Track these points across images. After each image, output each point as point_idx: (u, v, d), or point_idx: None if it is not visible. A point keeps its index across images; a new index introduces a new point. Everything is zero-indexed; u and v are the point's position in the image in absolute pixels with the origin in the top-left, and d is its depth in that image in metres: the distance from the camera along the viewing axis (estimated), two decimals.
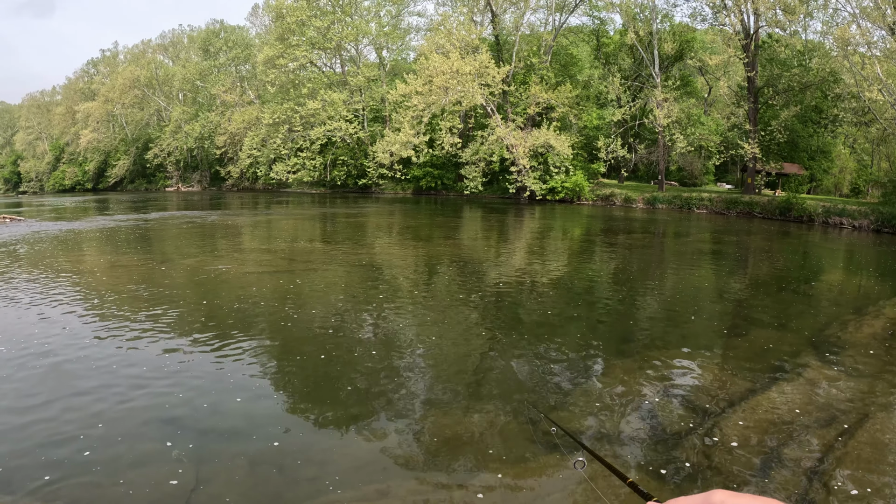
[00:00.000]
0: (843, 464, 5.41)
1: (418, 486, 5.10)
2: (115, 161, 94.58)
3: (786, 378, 7.57)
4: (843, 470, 5.31)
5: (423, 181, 56.89)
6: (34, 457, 5.41)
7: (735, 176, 56.68)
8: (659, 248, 21.77)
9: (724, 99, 51.31)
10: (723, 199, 38.69)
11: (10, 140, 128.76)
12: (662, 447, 5.71)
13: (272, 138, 65.45)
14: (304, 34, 60.89)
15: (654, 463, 5.41)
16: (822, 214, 31.76)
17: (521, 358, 8.42)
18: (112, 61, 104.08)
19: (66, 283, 13.35)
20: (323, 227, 28.00)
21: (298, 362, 8.26)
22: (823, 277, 16.48)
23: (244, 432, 6.00)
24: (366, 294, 12.56)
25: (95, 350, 8.36)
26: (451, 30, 47.88)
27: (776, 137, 40.80)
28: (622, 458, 5.54)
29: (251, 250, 19.77)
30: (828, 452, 5.60)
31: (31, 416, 6.24)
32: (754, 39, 39.49)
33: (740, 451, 5.57)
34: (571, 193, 45.33)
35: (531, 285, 13.67)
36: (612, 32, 54.75)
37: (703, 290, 13.74)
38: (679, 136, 43.52)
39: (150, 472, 5.21)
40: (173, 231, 25.97)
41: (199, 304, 11.40)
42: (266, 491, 4.96)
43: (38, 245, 20.15)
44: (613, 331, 9.99)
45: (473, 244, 22.07)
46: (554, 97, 46.46)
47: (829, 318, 11.07)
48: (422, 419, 6.40)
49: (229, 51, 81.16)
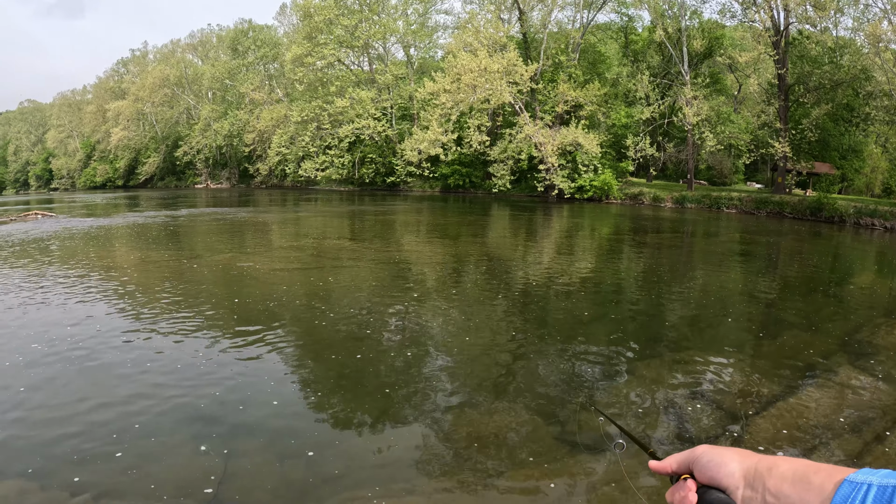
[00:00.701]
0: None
1: (444, 485, 5.14)
2: (146, 158, 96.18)
3: (816, 382, 7.60)
4: None
5: (451, 179, 57.02)
6: (65, 449, 5.61)
7: (765, 175, 56.04)
8: (688, 248, 21.72)
9: (753, 97, 50.73)
10: (752, 199, 38.33)
11: (41, 138, 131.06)
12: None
13: (300, 136, 65.98)
14: (331, 32, 61.27)
15: None
16: (854, 215, 31.39)
17: (550, 358, 8.51)
18: (142, 61, 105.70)
19: (98, 280, 13.75)
20: (351, 225, 28.26)
21: (327, 360, 8.44)
22: (855, 279, 16.35)
23: (273, 428, 6.15)
24: (395, 292, 12.75)
25: (127, 347, 8.61)
26: (478, 28, 47.96)
27: (807, 136, 40.30)
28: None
29: (280, 247, 20.06)
30: (858, 459, 5.64)
31: (63, 412, 6.47)
32: (784, 36, 39.03)
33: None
34: (600, 192, 45.21)
35: (559, 284, 13.76)
36: (641, 29, 54.57)
37: (732, 291, 13.72)
38: (708, 134, 43.22)
39: (178, 465, 5.37)
40: (203, 228, 26.39)
41: (229, 301, 11.68)
42: (293, 486, 5.07)
43: (70, 241, 20.67)
44: (642, 331, 10.05)
45: (502, 243, 22.21)
46: (582, 95, 46.33)
47: (860, 321, 11.01)
48: (449, 418, 6.48)
49: (258, 50, 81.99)
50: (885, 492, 0.87)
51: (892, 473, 0.90)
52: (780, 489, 1.01)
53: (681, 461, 1.22)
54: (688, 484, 1.18)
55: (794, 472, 1.02)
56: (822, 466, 1.00)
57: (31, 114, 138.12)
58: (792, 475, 1.01)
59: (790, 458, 1.06)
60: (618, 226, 29.89)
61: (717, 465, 1.13)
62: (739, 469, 1.10)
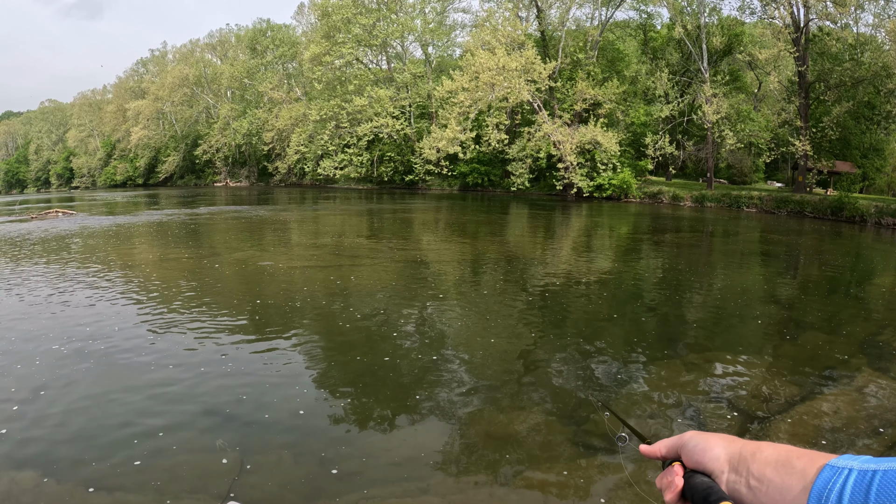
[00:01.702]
0: None
1: (458, 485, 5.18)
2: (165, 157, 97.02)
3: (835, 385, 7.59)
4: None
5: (469, 178, 57.07)
6: (82, 444, 5.75)
7: (785, 174, 55.62)
8: (707, 248, 21.68)
9: (774, 94, 50.42)
10: (773, 198, 38.03)
11: (62, 137, 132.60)
12: None
13: (319, 134, 66.24)
14: (349, 31, 61.48)
15: None
16: (875, 215, 31.06)
17: (567, 358, 8.59)
18: (161, 60, 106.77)
19: (118, 277, 13.99)
20: (370, 223, 28.44)
21: (346, 358, 8.55)
22: (876, 280, 16.25)
23: (289, 425, 6.26)
24: (413, 290, 12.90)
25: (147, 345, 8.74)
26: (496, 26, 48.00)
27: (828, 134, 39.97)
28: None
29: (299, 245, 20.27)
30: None
31: (81, 406, 6.63)
32: (804, 33, 38.73)
33: None
34: (618, 191, 45.08)
35: (578, 284, 13.83)
36: (660, 27, 54.18)
37: (751, 292, 13.72)
38: (728, 132, 42.95)
39: (195, 460, 5.48)
40: (222, 226, 26.66)
41: (249, 299, 11.85)
42: (307, 482, 5.14)
43: (90, 239, 21.00)
44: (659, 331, 10.11)
45: (521, 241, 22.29)
46: (601, 93, 46.24)
47: (881, 323, 10.96)
48: (465, 417, 6.55)
49: (276, 49, 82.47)
50: (864, 476, 0.90)
51: (872, 459, 0.93)
52: (763, 473, 1.04)
53: (669, 446, 1.25)
54: (675, 468, 1.21)
55: (777, 456, 1.05)
56: (805, 452, 1.03)
57: (52, 113, 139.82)
58: (775, 460, 1.04)
59: (774, 444, 1.09)
60: (637, 225, 29.84)
61: (703, 449, 1.16)
62: (724, 453, 1.12)
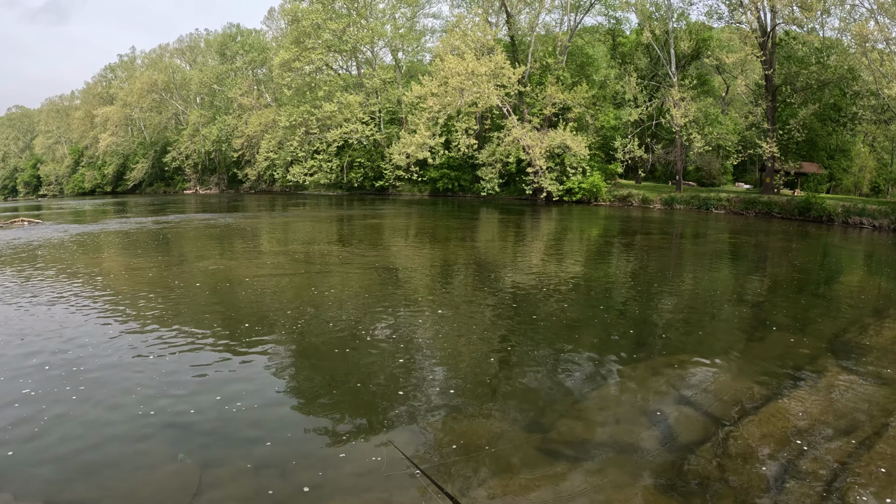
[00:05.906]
0: (862, 476, 5.34)
1: (420, 496, 5.05)
2: (134, 164, 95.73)
3: (804, 384, 7.51)
4: (862, 483, 5.25)
5: (439, 183, 56.88)
6: (40, 456, 5.55)
7: (753, 176, 56.18)
8: (676, 250, 21.66)
9: (741, 98, 50.90)
10: (741, 200, 38.38)
11: (29, 144, 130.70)
12: (675, 457, 5.68)
13: (289, 141, 65.67)
14: (319, 37, 61.04)
15: (666, 474, 5.38)
16: (842, 214, 31.41)
17: (536, 363, 8.44)
18: (130, 66, 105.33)
19: (84, 288, 13.49)
20: (340, 230, 28.08)
21: (311, 367, 8.35)
22: (843, 279, 16.31)
23: (251, 438, 6.07)
24: (383, 297, 12.62)
25: (111, 357, 8.45)
26: (466, 31, 47.90)
27: (794, 136, 40.41)
28: (633, 468, 5.51)
29: (268, 253, 19.88)
30: (846, 464, 5.53)
31: (41, 418, 6.39)
32: (771, 37, 39.15)
33: (755, 463, 5.53)
34: (588, 194, 45.16)
35: (548, 288, 13.63)
36: (629, 32, 54.60)
37: (720, 293, 13.66)
38: (696, 135, 43.26)
39: (154, 475, 5.33)
40: (191, 234, 26.16)
41: (216, 308, 11.52)
42: (267, 497, 5.01)
43: (56, 250, 20.35)
44: (629, 335, 9.94)
45: (490, 246, 22.08)
46: (570, 97, 46.33)
47: (848, 321, 10.95)
48: (431, 426, 6.42)
49: (246, 54, 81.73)
50: None
51: None
52: None
53: None
54: None
55: None
56: None
57: (19, 120, 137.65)
58: None
59: None
60: (606, 228, 29.83)
61: None
62: None
